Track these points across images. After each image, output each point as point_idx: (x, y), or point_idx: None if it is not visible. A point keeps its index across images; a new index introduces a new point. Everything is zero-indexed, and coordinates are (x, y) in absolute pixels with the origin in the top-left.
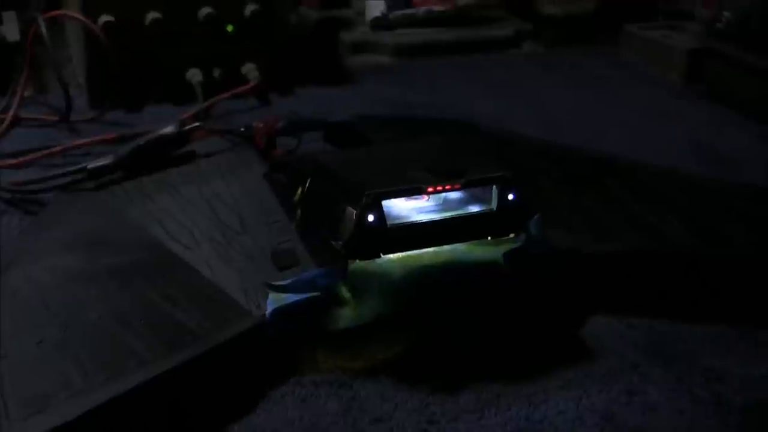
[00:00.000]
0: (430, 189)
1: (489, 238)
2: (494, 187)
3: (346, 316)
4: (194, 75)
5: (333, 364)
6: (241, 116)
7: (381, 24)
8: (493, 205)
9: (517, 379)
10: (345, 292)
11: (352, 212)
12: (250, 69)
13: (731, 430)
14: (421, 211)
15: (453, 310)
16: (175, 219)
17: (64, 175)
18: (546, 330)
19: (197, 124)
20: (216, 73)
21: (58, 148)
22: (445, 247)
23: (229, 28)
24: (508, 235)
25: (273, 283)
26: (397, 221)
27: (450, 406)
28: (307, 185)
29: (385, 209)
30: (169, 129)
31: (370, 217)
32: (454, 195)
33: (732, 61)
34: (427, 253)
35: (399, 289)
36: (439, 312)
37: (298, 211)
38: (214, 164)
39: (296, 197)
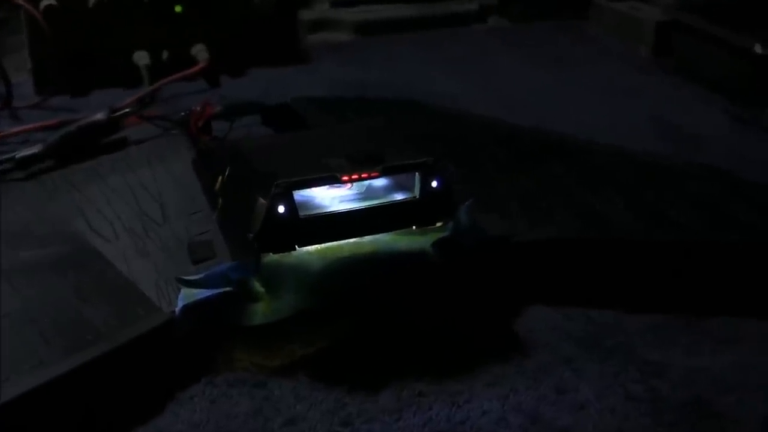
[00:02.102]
0: (345, 177)
1: (414, 227)
2: (416, 174)
3: (260, 311)
4: (141, 58)
5: (249, 362)
6: (189, 99)
7: (341, 0)
8: (416, 192)
9: (442, 376)
10: (258, 287)
11: (262, 203)
12: (199, 50)
13: (664, 429)
14: (343, 200)
15: (378, 303)
16: (98, 210)
17: None
18: (477, 323)
19: (128, 110)
20: (164, 55)
21: None
22: (368, 238)
23: (178, 8)
24: (434, 224)
25: (184, 277)
26: (312, 212)
27: (368, 405)
28: (226, 174)
29: (303, 199)
30: (99, 115)
31: (281, 209)
32: (378, 183)
33: (701, 34)
34: (347, 244)
35: (317, 283)
36: (363, 305)
37: (219, 201)
38: (144, 152)
39: (216, 186)
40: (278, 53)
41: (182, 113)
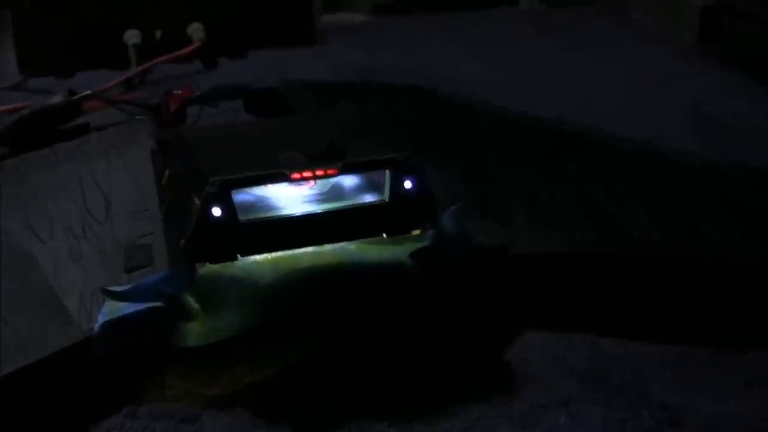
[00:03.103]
0: (295, 175)
1: (384, 235)
2: (386, 172)
3: (195, 331)
4: (131, 36)
5: (182, 391)
6: (182, 82)
7: None
8: (385, 195)
9: (410, 418)
10: (192, 302)
11: (197, 204)
12: (195, 29)
13: None
14: (305, 201)
15: (340, 323)
16: (41, 205)
17: None
18: (459, 350)
19: (88, 92)
20: (158, 35)
21: None
22: (330, 247)
23: None
24: (407, 232)
25: (109, 288)
26: (257, 215)
27: None
28: (173, 168)
29: (253, 199)
30: (55, 98)
31: (216, 211)
32: (347, 183)
33: (752, 19)
34: (305, 254)
35: (267, 297)
36: (322, 325)
37: (164, 199)
38: (104, 140)
39: (164, 181)
40: (287, 34)
41: (157, 98)
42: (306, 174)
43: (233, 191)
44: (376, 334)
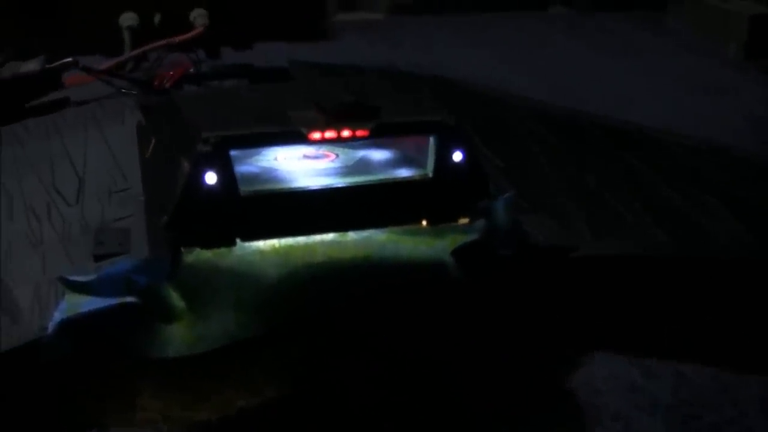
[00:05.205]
0: (314, 134)
1: (424, 222)
2: (431, 140)
3: (178, 337)
4: (127, 19)
5: (159, 414)
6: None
7: None
8: (429, 168)
9: None
10: (175, 299)
11: (185, 168)
12: (199, 15)
13: None
14: (319, 174)
15: (362, 336)
16: (2, 183)
17: None
18: (511, 376)
19: (69, 59)
20: (156, 18)
21: None
22: (354, 236)
23: None
24: (454, 220)
25: (69, 277)
26: (263, 186)
27: None
28: (158, 136)
29: (257, 170)
30: (31, 65)
31: (210, 176)
32: (376, 154)
33: None
34: (322, 243)
35: (269, 302)
36: (337, 339)
37: (147, 174)
38: (84, 114)
39: (148, 153)
40: (298, 27)
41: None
42: (328, 134)
43: (232, 153)
44: (405, 352)
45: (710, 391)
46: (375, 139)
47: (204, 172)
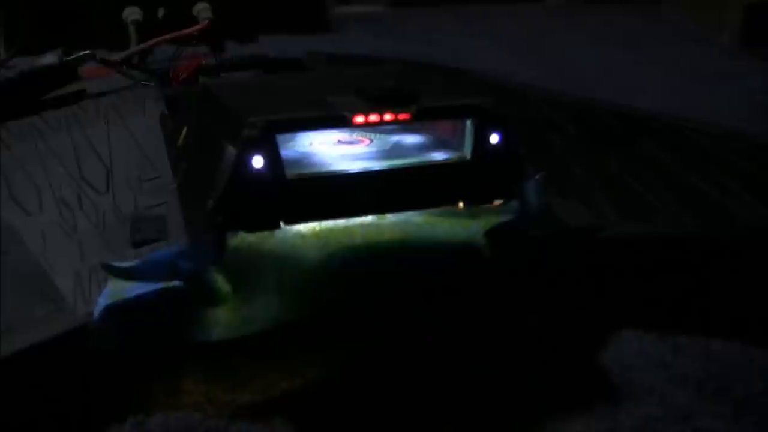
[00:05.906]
0: (358, 118)
1: (461, 204)
2: (468, 123)
3: (222, 320)
4: (131, 13)
5: (203, 398)
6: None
7: None
8: (466, 151)
9: None
10: (221, 283)
11: (231, 153)
12: (202, 8)
13: None
14: (356, 158)
15: (399, 318)
16: (27, 174)
17: None
18: (548, 353)
19: (87, 52)
20: (160, 13)
21: None
22: (392, 218)
23: None
24: (490, 201)
25: (113, 263)
26: (307, 171)
27: None
28: (192, 124)
29: (296, 155)
30: (49, 58)
31: (257, 161)
32: (410, 138)
33: None
34: (360, 226)
35: (313, 283)
36: (378, 321)
37: (181, 163)
38: (103, 106)
39: (179, 142)
40: (299, 20)
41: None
42: (372, 117)
43: (279, 137)
44: (439, 333)
45: (738, 366)
46: (413, 123)
47: (251, 156)
